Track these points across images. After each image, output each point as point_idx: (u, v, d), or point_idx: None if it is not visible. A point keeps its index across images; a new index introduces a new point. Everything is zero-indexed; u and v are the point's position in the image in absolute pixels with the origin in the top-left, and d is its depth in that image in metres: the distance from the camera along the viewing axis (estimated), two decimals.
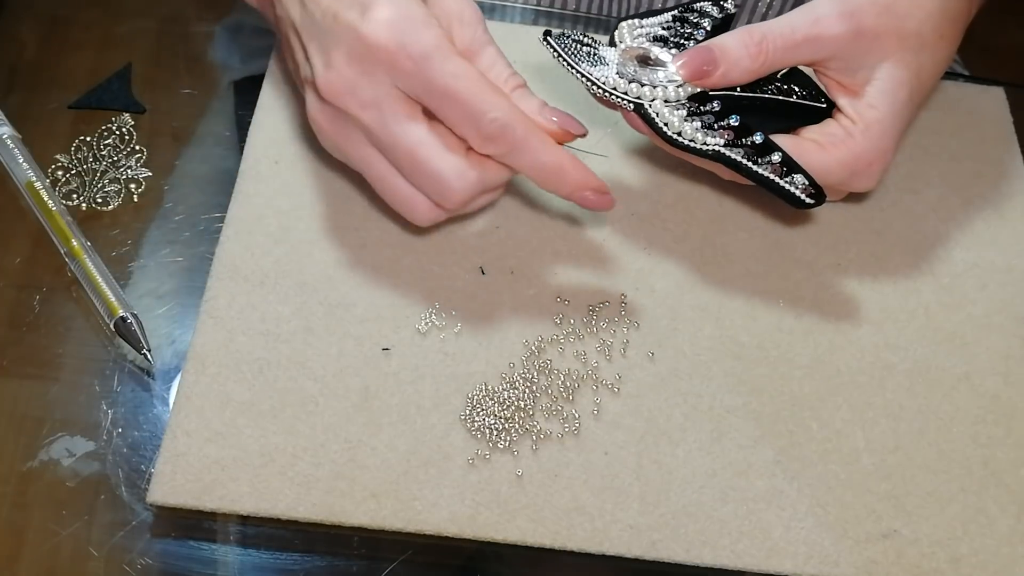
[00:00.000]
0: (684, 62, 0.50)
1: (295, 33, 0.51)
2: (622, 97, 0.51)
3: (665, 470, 0.49)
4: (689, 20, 0.54)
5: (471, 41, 0.50)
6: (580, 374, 0.51)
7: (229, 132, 0.60)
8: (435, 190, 0.48)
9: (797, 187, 0.50)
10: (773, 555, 0.47)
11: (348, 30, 0.47)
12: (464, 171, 0.48)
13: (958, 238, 0.59)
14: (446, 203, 0.49)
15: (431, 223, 0.51)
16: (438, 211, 0.50)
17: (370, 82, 0.47)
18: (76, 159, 0.58)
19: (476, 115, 0.46)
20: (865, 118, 0.52)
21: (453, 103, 0.47)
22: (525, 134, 0.47)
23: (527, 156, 0.48)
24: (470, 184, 0.48)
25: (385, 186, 0.50)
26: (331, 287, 0.53)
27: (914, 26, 0.52)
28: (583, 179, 0.49)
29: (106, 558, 0.45)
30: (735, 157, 0.50)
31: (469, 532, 0.47)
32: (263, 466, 0.47)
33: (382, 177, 0.50)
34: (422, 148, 0.47)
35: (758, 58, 0.50)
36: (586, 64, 0.51)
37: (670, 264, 0.56)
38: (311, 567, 0.46)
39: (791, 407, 0.52)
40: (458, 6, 0.51)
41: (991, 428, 0.52)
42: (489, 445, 0.49)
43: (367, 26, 0.47)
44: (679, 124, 0.50)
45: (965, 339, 0.55)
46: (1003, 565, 0.48)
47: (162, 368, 0.51)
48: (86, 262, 0.53)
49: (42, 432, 0.48)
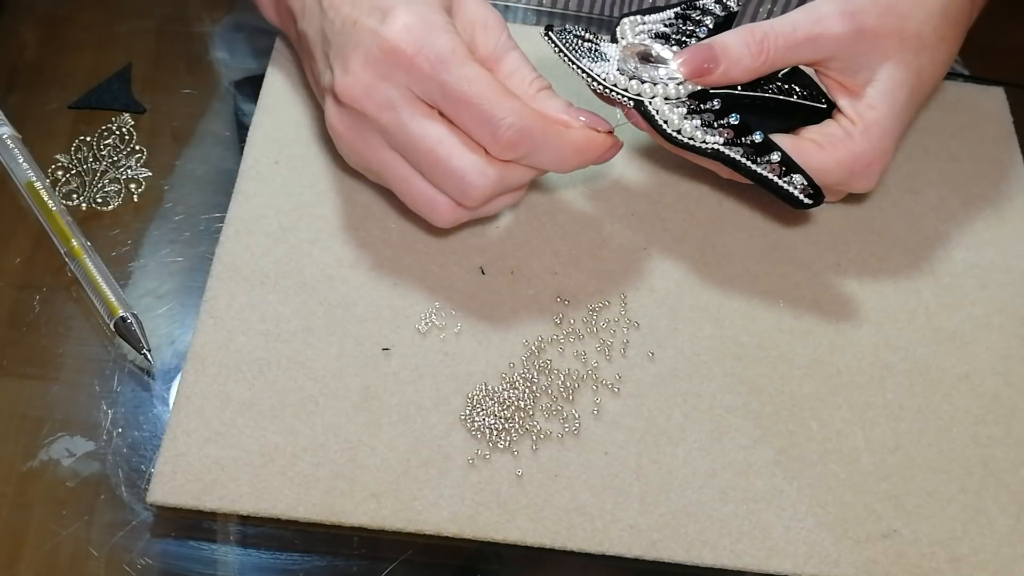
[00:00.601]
0: (685, 59, 0.50)
1: (317, 44, 0.51)
2: (622, 94, 0.51)
3: (665, 470, 0.49)
4: (691, 17, 0.54)
5: (495, 46, 0.50)
6: (580, 374, 0.51)
7: (229, 132, 0.60)
8: (456, 188, 0.48)
9: (796, 187, 0.50)
10: (773, 555, 0.47)
11: (367, 35, 0.48)
12: (484, 168, 0.48)
13: (958, 238, 0.59)
14: (467, 200, 0.49)
15: (453, 224, 0.51)
16: (460, 211, 0.50)
17: (388, 85, 0.47)
18: (76, 159, 0.58)
19: (492, 122, 0.47)
20: (865, 118, 0.52)
21: (469, 108, 0.47)
22: (543, 135, 0.47)
23: (549, 154, 0.48)
24: (491, 181, 0.48)
25: (406, 188, 0.50)
26: (331, 287, 0.53)
27: (915, 27, 0.52)
28: (601, 148, 0.50)
29: (106, 558, 0.45)
30: (734, 156, 0.50)
31: (469, 532, 0.47)
32: (263, 466, 0.47)
33: (403, 179, 0.50)
34: (441, 146, 0.48)
35: (759, 57, 0.50)
36: (587, 60, 0.51)
37: (670, 264, 0.56)
38: (311, 567, 0.46)
39: (791, 407, 0.52)
40: (482, 12, 0.51)
41: (991, 428, 0.52)
42: (489, 445, 0.49)
43: (386, 31, 0.47)
44: (679, 122, 0.50)
45: (965, 339, 0.55)
46: (1003, 565, 0.48)
47: (162, 368, 0.51)
48: (86, 262, 0.53)
49: (42, 432, 0.48)
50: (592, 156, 0.50)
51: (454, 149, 0.48)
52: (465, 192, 0.48)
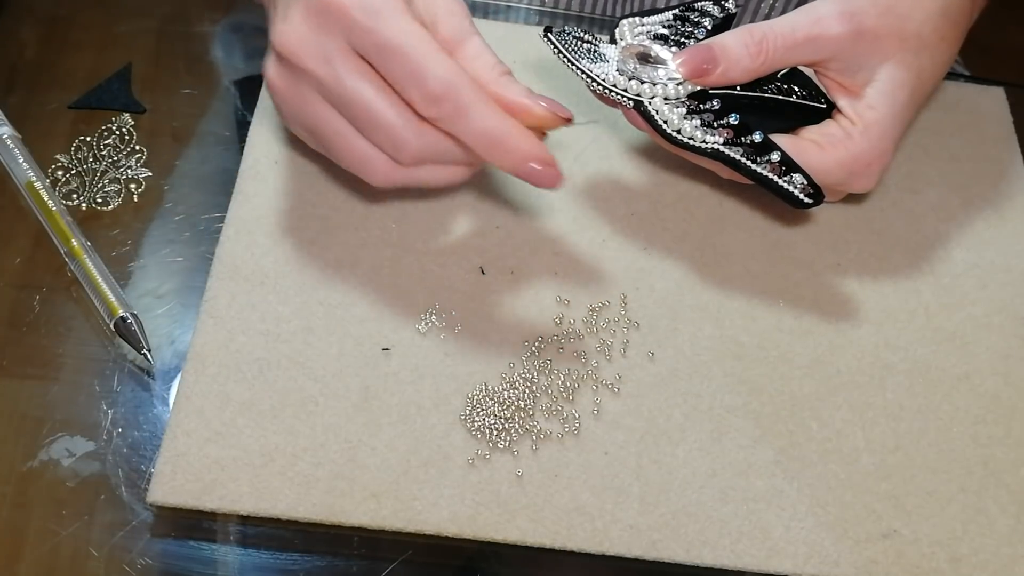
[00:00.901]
0: (684, 60, 0.50)
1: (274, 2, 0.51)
2: (622, 94, 0.51)
3: (665, 470, 0.49)
4: (690, 19, 0.54)
5: (457, 31, 0.50)
6: (580, 374, 0.51)
7: (229, 132, 0.60)
8: (389, 142, 0.47)
9: (796, 186, 0.50)
10: (773, 555, 0.47)
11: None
12: (417, 124, 0.47)
13: (958, 238, 0.59)
14: (401, 155, 0.48)
15: (388, 184, 0.50)
16: (395, 170, 0.49)
17: (325, 37, 0.47)
18: (76, 159, 0.58)
19: (421, 72, 0.46)
20: (864, 119, 0.52)
21: (399, 59, 0.46)
22: (470, 98, 0.46)
23: (472, 122, 0.47)
24: (424, 139, 0.47)
25: (342, 144, 0.49)
26: (331, 287, 0.53)
27: (914, 27, 0.52)
28: (529, 150, 0.47)
29: (106, 558, 0.45)
30: (734, 155, 0.50)
31: (469, 532, 0.47)
32: (263, 466, 0.47)
33: (338, 134, 0.49)
34: (377, 100, 0.47)
35: (758, 57, 0.50)
36: (586, 61, 0.51)
37: (670, 264, 0.56)
38: (311, 567, 0.46)
39: (791, 407, 0.52)
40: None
41: (991, 428, 0.52)
42: (489, 445, 0.49)
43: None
44: (678, 122, 0.50)
45: (965, 339, 0.55)
46: (1003, 565, 0.48)
47: (162, 368, 0.51)
48: (86, 262, 0.53)
49: (42, 432, 0.48)
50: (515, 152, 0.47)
51: (390, 103, 0.47)
52: (399, 146, 0.47)
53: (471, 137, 0.47)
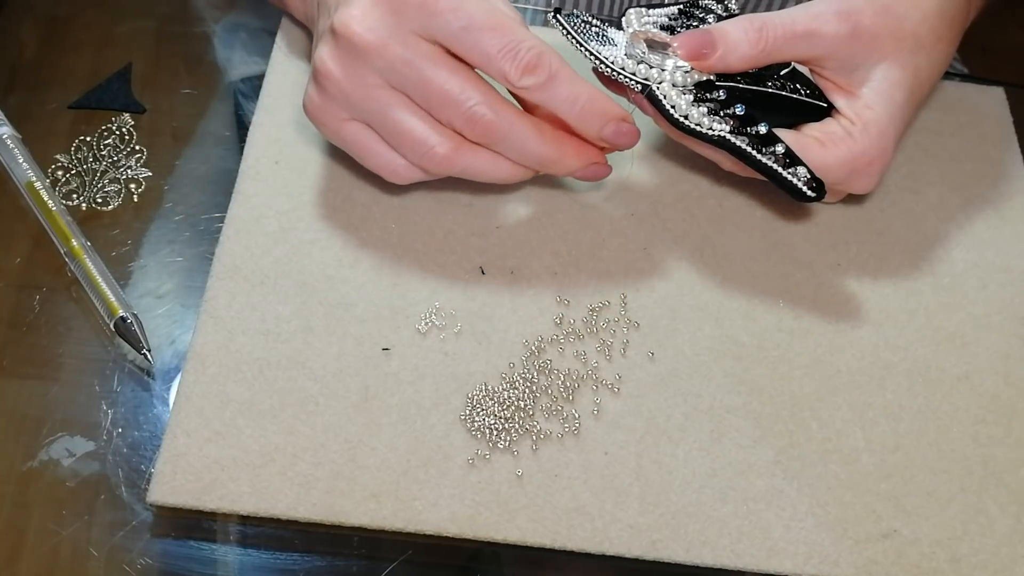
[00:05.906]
0: (682, 42, 0.51)
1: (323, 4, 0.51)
2: (630, 77, 0.51)
3: (665, 470, 0.49)
4: (695, 15, 0.54)
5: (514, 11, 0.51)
6: (580, 374, 0.51)
7: (229, 132, 0.60)
8: (463, 118, 0.48)
9: (799, 179, 0.51)
10: (773, 555, 0.47)
11: None
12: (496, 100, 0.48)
13: (958, 238, 0.59)
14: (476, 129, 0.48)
15: (444, 170, 0.50)
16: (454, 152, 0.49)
17: (399, 20, 0.48)
18: (76, 159, 0.58)
19: (515, 44, 0.47)
20: (863, 118, 0.52)
21: (490, 35, 0.47)
22: (559, 64, 0.48)
23: (565, 85, 0.48)
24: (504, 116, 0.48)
25: (401, 128, 0.49)
26: (331, 287, 0.53)
27: (911, 27, 0.52)
28: (613, 109, 0.50)
29: (106, 558, 0.45)
30: (740, 144, 0.50)
31: (469, 532, 0.47)
32: (263, 466, 0.47)
33: (399, 121, 0.49)
34: (452, 80, 0.48)
35: (757, 44, 0.51)
36: (595, 43, 0.51)
37: (670, 264, 0.56)
38: (311, 567, 0.46)
39: (791, 407, 0.52)
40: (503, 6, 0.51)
41: (991, 428, 0.52)
42: (489, 445, 0.49)
43: None
44: (686, 107, 0.50)
45: (965, 339, 0.55)
46: (1003, 565, 0.48)
47: (162, 368, 0.51)
48: (86, 262, 0.53)
49: (42, 432, 0.48)
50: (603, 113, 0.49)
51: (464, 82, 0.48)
52: (474, 120, 0.48)
53: (563, 101, 0.49)
